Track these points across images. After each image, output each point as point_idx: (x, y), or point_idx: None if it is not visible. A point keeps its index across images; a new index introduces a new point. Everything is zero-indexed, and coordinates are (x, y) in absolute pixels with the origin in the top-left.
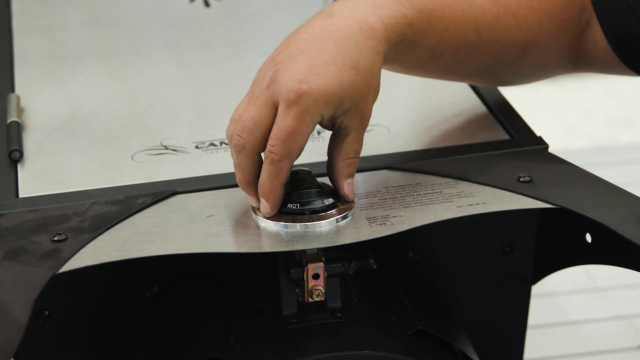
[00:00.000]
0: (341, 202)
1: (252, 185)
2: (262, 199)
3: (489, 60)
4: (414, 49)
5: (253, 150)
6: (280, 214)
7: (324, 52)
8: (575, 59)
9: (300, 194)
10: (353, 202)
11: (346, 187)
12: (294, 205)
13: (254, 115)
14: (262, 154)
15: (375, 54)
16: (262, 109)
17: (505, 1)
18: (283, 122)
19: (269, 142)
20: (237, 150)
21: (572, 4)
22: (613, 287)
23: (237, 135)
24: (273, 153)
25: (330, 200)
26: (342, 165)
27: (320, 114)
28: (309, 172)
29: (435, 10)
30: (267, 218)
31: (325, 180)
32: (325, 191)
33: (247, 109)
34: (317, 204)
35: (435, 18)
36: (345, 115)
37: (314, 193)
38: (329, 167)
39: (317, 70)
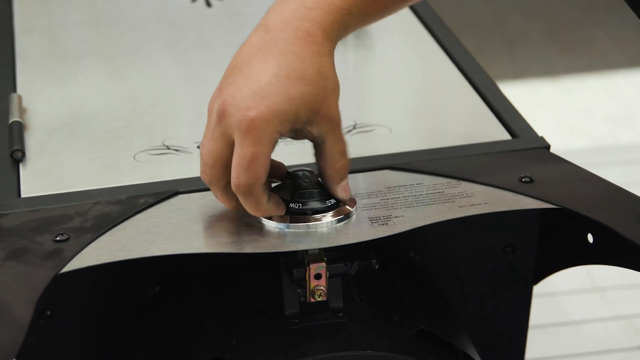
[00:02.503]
0: (343, 202)
1: (239, 207)
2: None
3: None
4: (362, 24)
5: (220, 183)
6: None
7: (265, 71)
8: None
9: (302, 194)
10: (355, 202)
11: (340, 191)
12: (296, 205)
13: (211, 151)
14: None
15: (320, 56)
16: (217, 143)
17: None
18: (242, 151)
19: (233, 175)
20: (208, 184)
21: None
22: (613, 287)
23: (202, 171)
24: (240, 184)
25: (332, 201)
26: (332, 172)
27: (278, 133)
28: (311, 172)
29: None
30: (269, 218)
31: None
32: (327, 191)
33: (205, 145)
34: (319, 204)
35: None
36: (310, 125)
37: (315, 193)
38: (321, 175)
39: (262, 92)
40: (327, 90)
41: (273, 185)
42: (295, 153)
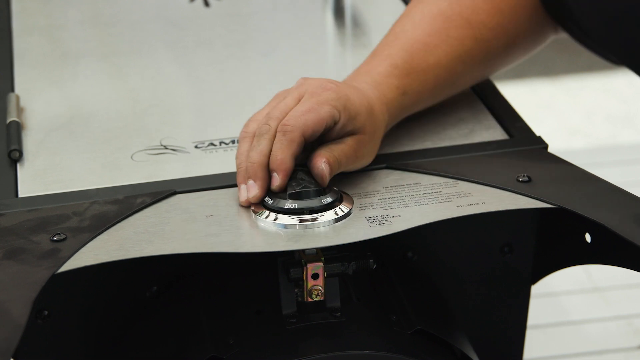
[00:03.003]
0: (339, 201)
1: (264, 167)
2: (273, 173)
3: (481, 73)
4: (414, 104)
5: (273, 134)
6: (279, 213)
7: (350, 86)
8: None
9: (299, 193)
10: (352, 201)
11: (323, 166)
12: (293, 205)
13: (283, 107)
14: None
15: (383, 120)
16: (292, 102)
17: (476, 18)
18: (302, 105)
19: (284, 120)
20: (262, 134)
21: None
22: (613, 287)
23: (266, 124)
24: (286, 125)
25: (329, 199)
26: (323, 149)
27: (338, 112)
28: (308, 171)
29: (420, 63)
30: (267, 218)
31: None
32: (324, 190)
33: (277, 104)
34: (315, 202)
35: (422, 71)
36: (352, 127)
37: (312, 192)
38: (314, 146)
39: (343, 87)
40: (376, 133)
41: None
42: None
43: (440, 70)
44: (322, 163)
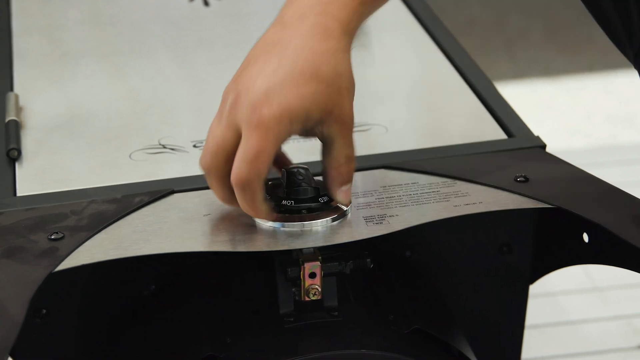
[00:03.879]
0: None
1: (232, 201)
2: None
3: None
4: (373, 11)
5: (219, 173)
6: (277, 212)
7: (280, 67)
8: None
9: (297, 191)
10: (350, 201)
11: (339, 195)
12: (289, 202)
13: (216, 137)
14: None
15: (336, 53)
16: (225, 132)
17: None
18: (248, 145)
19: (235, 165)
20: (206, 172)
21: None
22: (612, 287)
23: (203, 158)
24: (240, 178)
25: (326, 198)
26: (334, 174)
27: (287, 132)
28: (307, 169)
29: None
30: None
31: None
32: (321, 189)
33: (212, 132)
34: (313, 201)
35: None
36: (321, 125)
37: (310, 191)
38: (323, 175)
39: (275, 89)
40: (341, 89)
41: (270, 182)
42: (303, 149)
43: None
44: (338, 194)
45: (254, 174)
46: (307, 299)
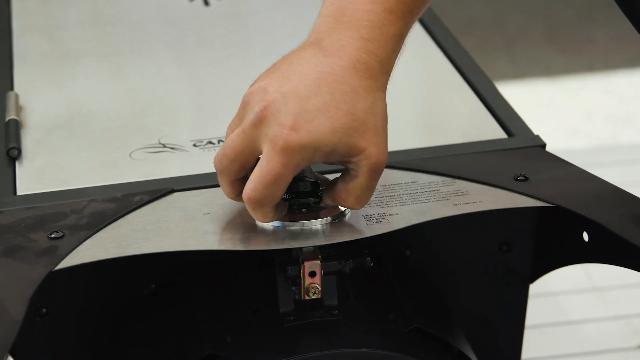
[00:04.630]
0: None
1: (238, 199)
2: None
3: None
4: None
5: (230, 177)
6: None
7: (316, 95)
8: None
9: (297, 185)
10: None
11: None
12: (288, 196)
13: (237, 147)
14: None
15: (373, 92)
16: (247, 143)
17: None
18: (267, 165)
19: (250, 184)
20: (218, 172)
21: None
22: (612, 286)
23: (218, 159)
24: (254, 198)
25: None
26: (344, 203)
27: (309, 161)
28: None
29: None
30: None
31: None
32: (321, 183)
33: (232, 138)
34: (312, 195)
35: (414, 4)
36: (347, 158)
37: (309, 184)
38: (331, 191)
39: (308, 116)
40: (377, 128)
41: None
42: None
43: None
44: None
45: (268, 198)
46: (307, 297)
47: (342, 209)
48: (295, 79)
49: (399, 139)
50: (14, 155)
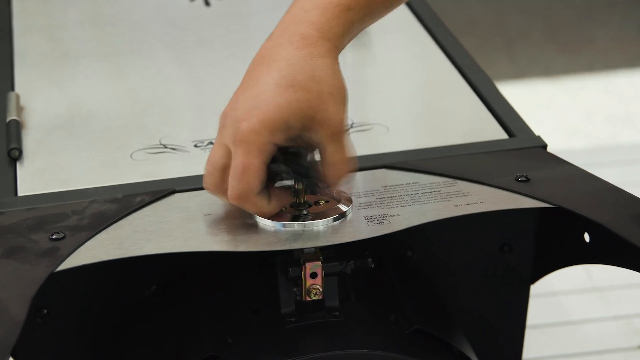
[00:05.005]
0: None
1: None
2: None
3: None
4: (367, 19)
5: (217, 190)
6: (288, 205)
7: (259, 81)
8: None
9: (286, 158)
10: (351, 200)
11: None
12: (278, 166)
13: (211, 159)
14: None
15: (313, 60)
16: (217, 152)
17: None
18: (235, 162)
19: (229, 183)
20: (209, 191)
21: None
22: (612, 287)
23: (203, 179)
24: (233, 195)
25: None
26: (334, 180)
27: (271, 143)
28: (311, 163)
29: None
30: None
31: None
32: (306, 151)
33: (209, 154)
34: (304, 164)
35: None
36: (307, 132)
37: (293, 154)
38: (324, 180)
39: (255, 102)
40: (322, 94)
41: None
42: None
43: None
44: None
45: (245, 189)
46: (308, 298)
47: (344, 209)
48: (246, 77)
49: (400, 140)
50: (15, 155)
